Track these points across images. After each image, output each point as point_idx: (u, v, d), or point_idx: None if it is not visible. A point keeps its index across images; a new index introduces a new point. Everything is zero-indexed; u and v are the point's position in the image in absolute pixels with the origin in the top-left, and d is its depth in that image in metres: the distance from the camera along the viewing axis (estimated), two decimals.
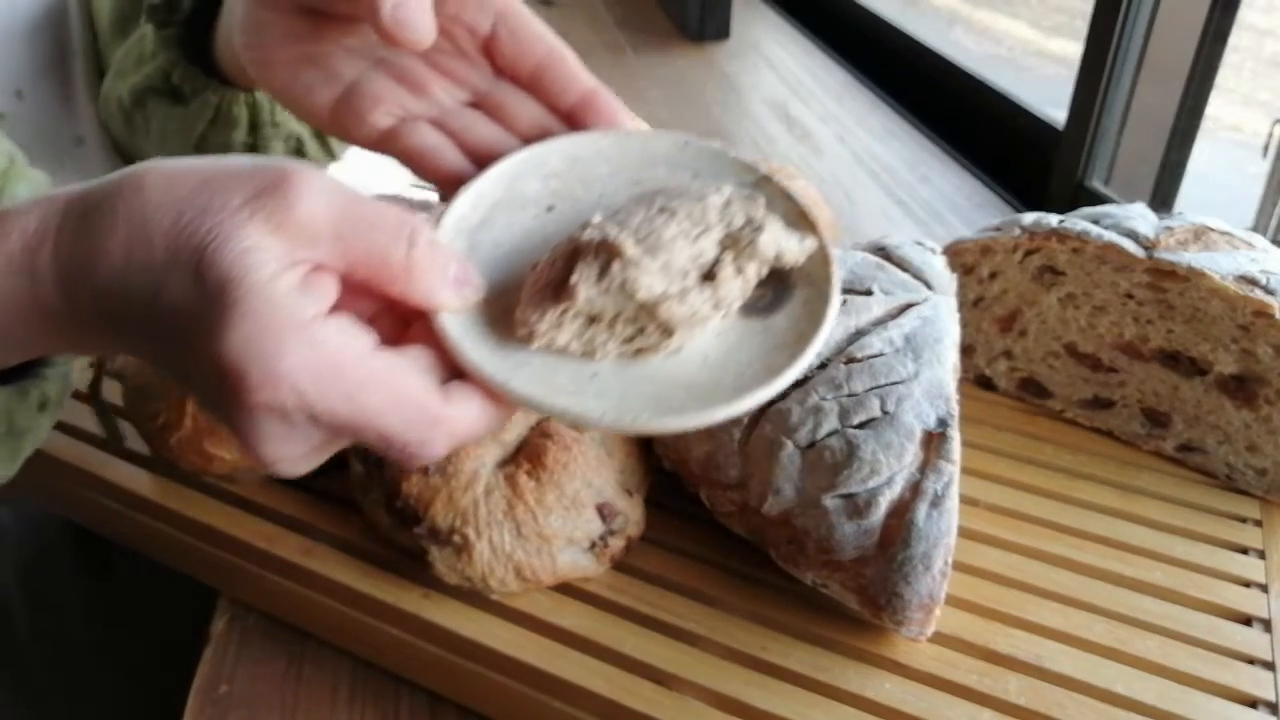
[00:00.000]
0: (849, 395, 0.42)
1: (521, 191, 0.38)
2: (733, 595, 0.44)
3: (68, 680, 0.70)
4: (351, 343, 0.29)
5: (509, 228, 0.37)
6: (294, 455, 0.30)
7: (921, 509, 0.39)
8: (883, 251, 0.51)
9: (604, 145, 0.39)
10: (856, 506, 0.40)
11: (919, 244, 0.52)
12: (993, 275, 0.57)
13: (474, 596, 0.43)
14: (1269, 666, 0.42)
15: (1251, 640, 0.43)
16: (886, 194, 0.98)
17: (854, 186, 0.99)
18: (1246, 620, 0.44)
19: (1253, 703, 0.40)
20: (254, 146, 0.59)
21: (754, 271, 0.34)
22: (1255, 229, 0.78)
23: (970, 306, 0.58)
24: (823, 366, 0.44)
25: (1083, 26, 0.87)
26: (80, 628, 0.74)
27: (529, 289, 0.33)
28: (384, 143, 0.39)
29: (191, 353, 0.28)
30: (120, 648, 0.72)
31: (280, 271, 0.28)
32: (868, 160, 1.05)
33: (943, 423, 0.41)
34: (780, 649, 0.42)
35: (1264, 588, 0.46)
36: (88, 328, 0.31)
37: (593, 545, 0.44)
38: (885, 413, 0.41)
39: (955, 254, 0.57)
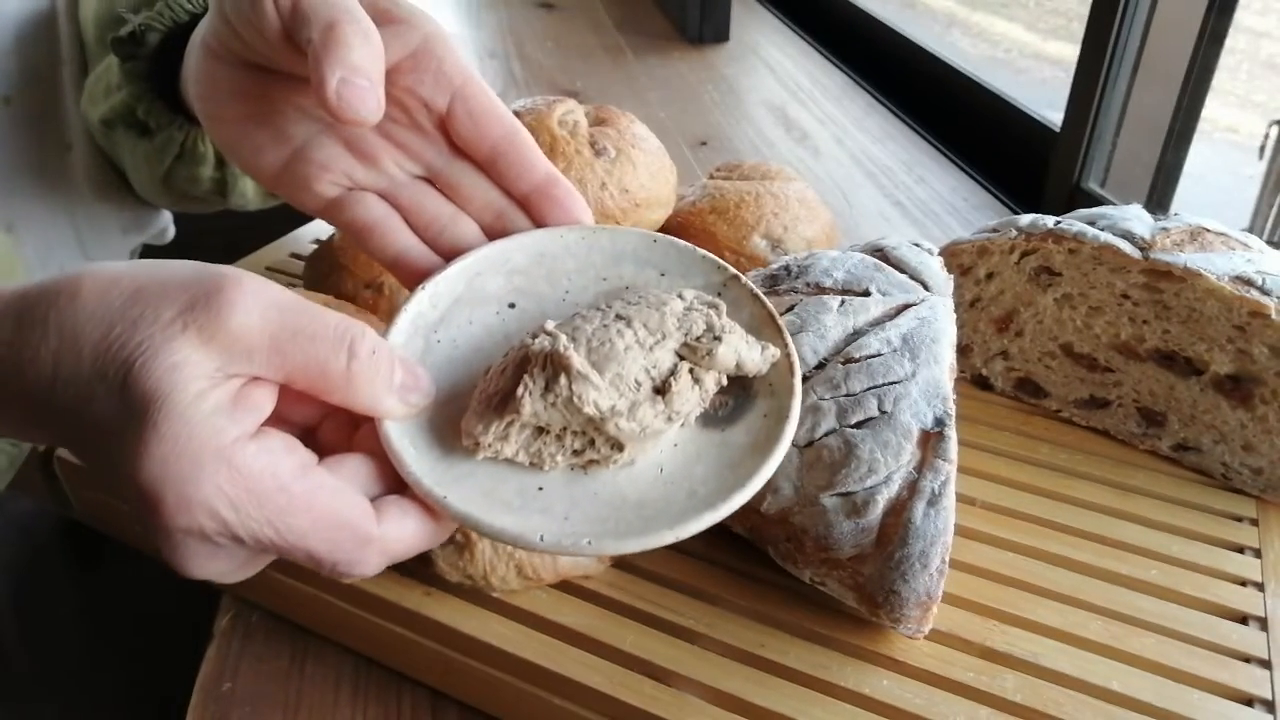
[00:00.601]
0: (847, 395, 0.42)
1: (483, 288, 0.37)
2: (731, 593, 0.44)
3: (64, 682, 0.70)
4: (274, 465, 0.28)
5: (469, 325, 0.36)
6: (222, 570, 0.30)
7: (919, 507, 0.40)
8: (880, 252, 0.52)
9: (570, 240, 0.38)
10: (854, 505, 0.40)
11: (916, 245, 0.52)
12: (989, 276, 0.57)
13: (475, 594, 0.44)
14: (1265, 665, 0.42)
15: (1248, 639, 0.43)
16: (884, 195, 0.98)
17: (852, 188, 1.00)
18: (1243, 619, 0.45)
19: (1249, 701, 0.41)
20: (222, 180, 0.58)
21: (712, 381, 0.33)
22: (1251, 230, 0.78)
23: (967, 307, 0.58)
24: (821, 366, 0.44)
25: (1079, 29, 0.87)
26: (78, 628, 0.74)
27: (477, 397, 0.32)
28: (329, 211, 0.38)
29: (115, 468, 0.27)
30: (120, 647, 0.72)
31: (207, 390, 0.27)
32: (865, 162, 1.06)
33: (940, 422, 0.42)
34: (779, 646, 0.42)
35: (1260, 586, 0.46)
36: (21, 424, 0.30)
37: None
38: (883, 412, 0.42)
39: (952, 255, 0.57)
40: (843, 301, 0.46)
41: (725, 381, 0.34)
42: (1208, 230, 0.53)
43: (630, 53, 1.41)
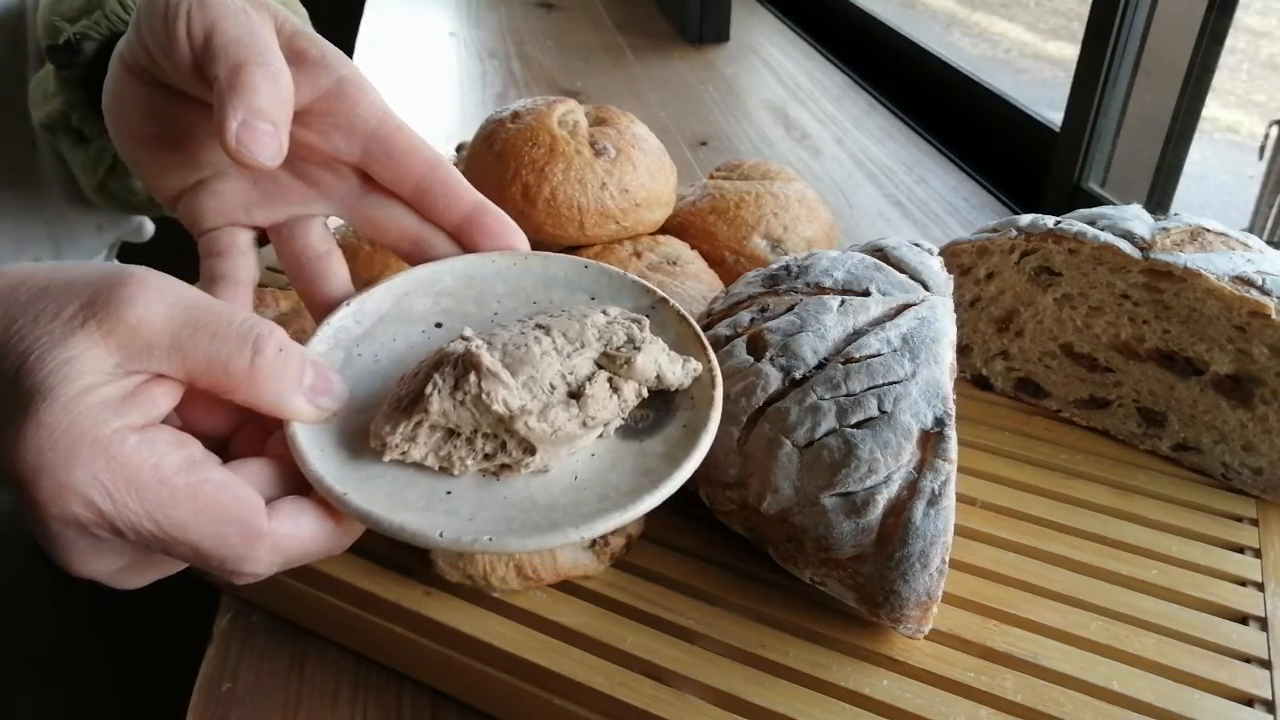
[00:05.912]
0: (847, 395, 0.42)
1: (410, 307, 0.37)
2: (732, 593, 0.44)
3: (48, 679, 0.69)
4: (157, 458, 0.28)
5: (392, 342, 0.36)
6: (109, 569, 0.29)
7: (919, 507, 0.40)
8: (880, 253, 0.52)
9: (502, 265, 0.38)
10: (854, 505, 0.40)
11: (916, 245, 0.52)
12: (989, 276, 0.57)
13: (475, 594, 0.44)
14: (1265, 665, 0.42)
15: (1248, 638, 0.43)
16: (884, 195, 0.98)
17: (852, 188, 1.00)
18: (1243, 619, 0.45)
19: (1249, 700, 0.41)
20: None
21: (631, 392, 0.33)
22: (1251, 230, 0.78)
23: (967, 307, 0.58)
24: (821, 367, 0.44)
25: (1079, 29, 0.87)
26: (63, 625, 0.73)
27: (389, 400, 0.32)
28: (208, 234, 0.38)
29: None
30: (110, 646, 0.72)
31: (96, 384, 0.27)
32: (865, 162, 1.06)
33: (940, 422, 0.42)
34: (779, 646, 0.42)
35: (1260, 586, 0.46)
36: None
37: (593, 543, 0.44)
38: (883, 412, 0.42)
39: (952, 255, 0.57)
40: (843, 301, 0.46)
41: (645, 393, 0.34)
42: (1208, 230, 0.53)
43: (630, 53, 1.41)
